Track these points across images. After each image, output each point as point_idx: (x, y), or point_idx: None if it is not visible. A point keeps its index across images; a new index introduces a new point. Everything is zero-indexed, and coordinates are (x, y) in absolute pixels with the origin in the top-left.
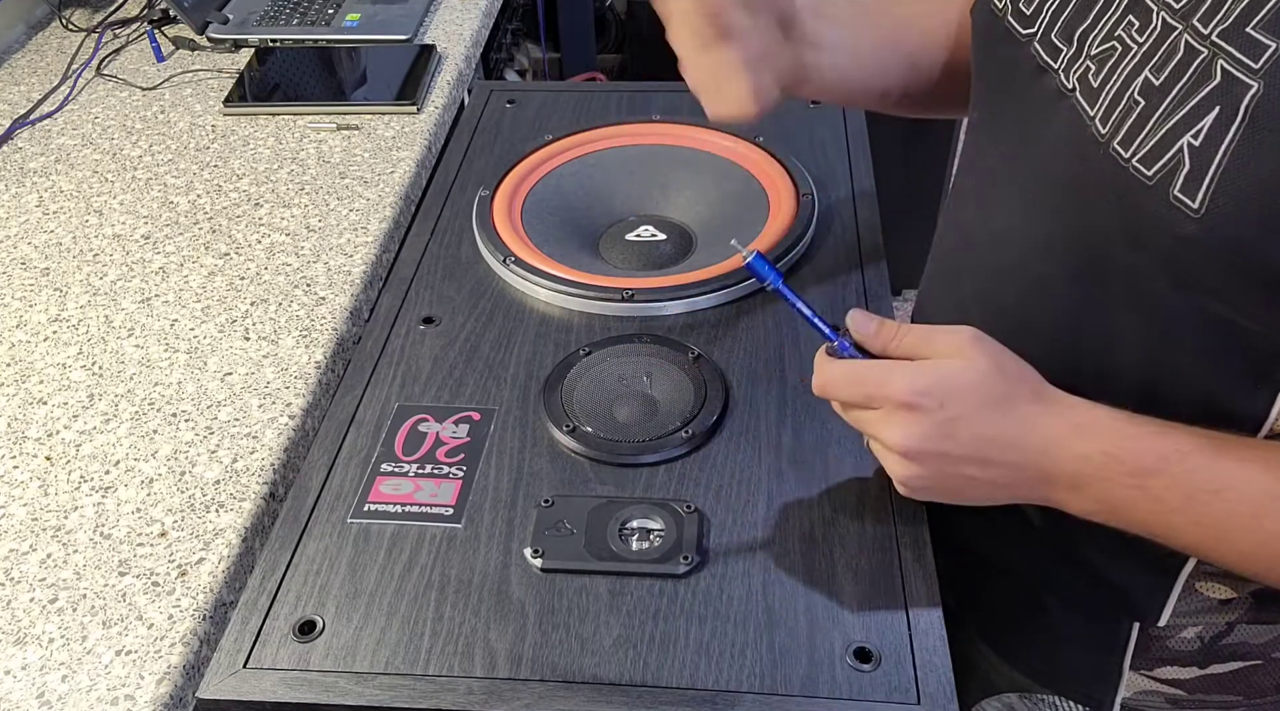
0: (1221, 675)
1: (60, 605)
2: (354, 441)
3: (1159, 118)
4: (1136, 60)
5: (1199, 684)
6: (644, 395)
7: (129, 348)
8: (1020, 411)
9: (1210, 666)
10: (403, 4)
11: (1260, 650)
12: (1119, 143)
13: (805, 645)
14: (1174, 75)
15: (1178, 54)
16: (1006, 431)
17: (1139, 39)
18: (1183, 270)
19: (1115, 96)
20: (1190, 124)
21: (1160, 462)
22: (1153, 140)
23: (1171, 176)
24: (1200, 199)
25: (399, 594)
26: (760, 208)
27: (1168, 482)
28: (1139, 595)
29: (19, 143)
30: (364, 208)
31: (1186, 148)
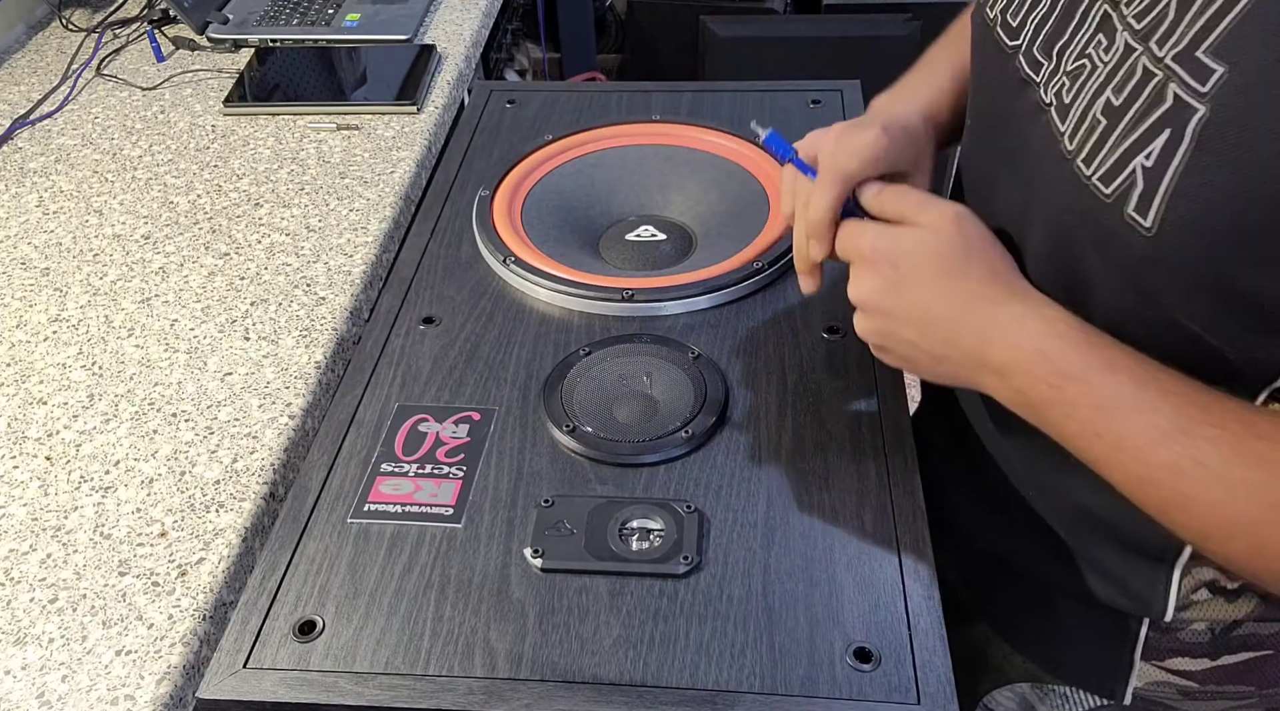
0: (1232, 666)
1: (60, 605)
2: (354, 441)
3: (1116, 137)
4: (1101, 79)
5: (1210, 675)
6: (644, 395)
7: (129, 348)
8: (968, 289)
9: (1221, 657)
10: (403, 4)
11: (1271, 640)
12: (1082, 160)
13: (805, 645)
14: (1131, 96)
15: (1135, 75)
16: (948, 304)
17: (1105, 58)
18: (1145, 287)
19: (1081, 114)
20: (1144, 145)
21: (1085, 370)
22: (1111, 159)
23: (1126, 196)
24: (1152, 218)
25: (399, 594)
26: (760, 208)
27: (1084, 390)
28: (1139, 587)
29: (19, 143)
30: (364, 208)
31: (1140, 168)
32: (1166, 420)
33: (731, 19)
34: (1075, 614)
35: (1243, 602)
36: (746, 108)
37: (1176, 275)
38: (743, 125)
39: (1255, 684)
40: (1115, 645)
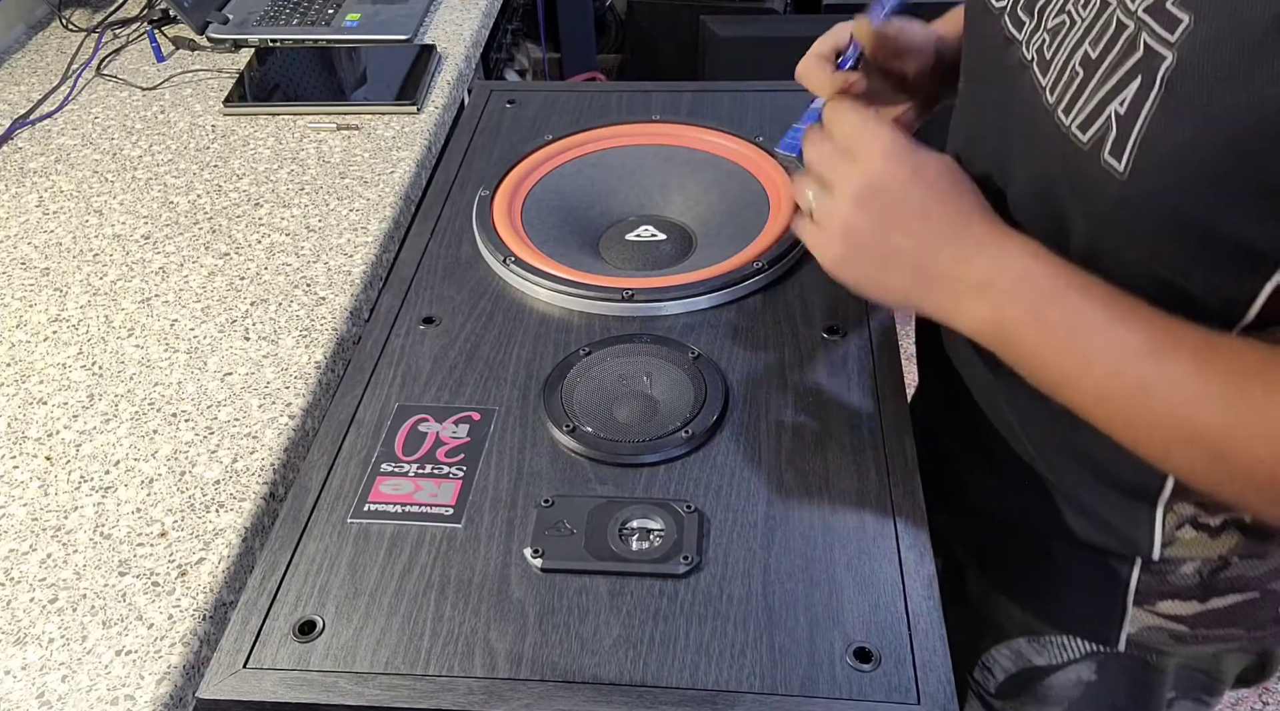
0: (1221, 609)
1: (60, 605)
2: (354, 441)
3: (1093, 87)
4: (1080, 34)
5: (1200, 618)
6: (644, 395)
7: (129, 348)
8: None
9: (1210, 600)
10: (403, 4)
11: (1257, 582)
12: (1062, 110)
13: (805, 645)
14: (1107, 48)
15: (1110, 28)
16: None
17: (1083, 14)
18: (1120, 230)
19: (1061, 68)
20: (1117, 93)
21: (1062, 290)
22: (1088, 108)
23: (1102, 141)
24: (1125, 162)
25: (399, 594)
26: (760, 208)
27: (1058, 310)
28: (1125, 526)
29: (19, 143)
30: (364, 208)
31: (1114, 115)
32: (1134, 339)
33: (731, 19)
34: (1069, 562)
35: (1225, 538)
36: (746, 108)
37: (1149, 217)
38: (743, 125)
39: (1243, 626)
40: (1108, 591)
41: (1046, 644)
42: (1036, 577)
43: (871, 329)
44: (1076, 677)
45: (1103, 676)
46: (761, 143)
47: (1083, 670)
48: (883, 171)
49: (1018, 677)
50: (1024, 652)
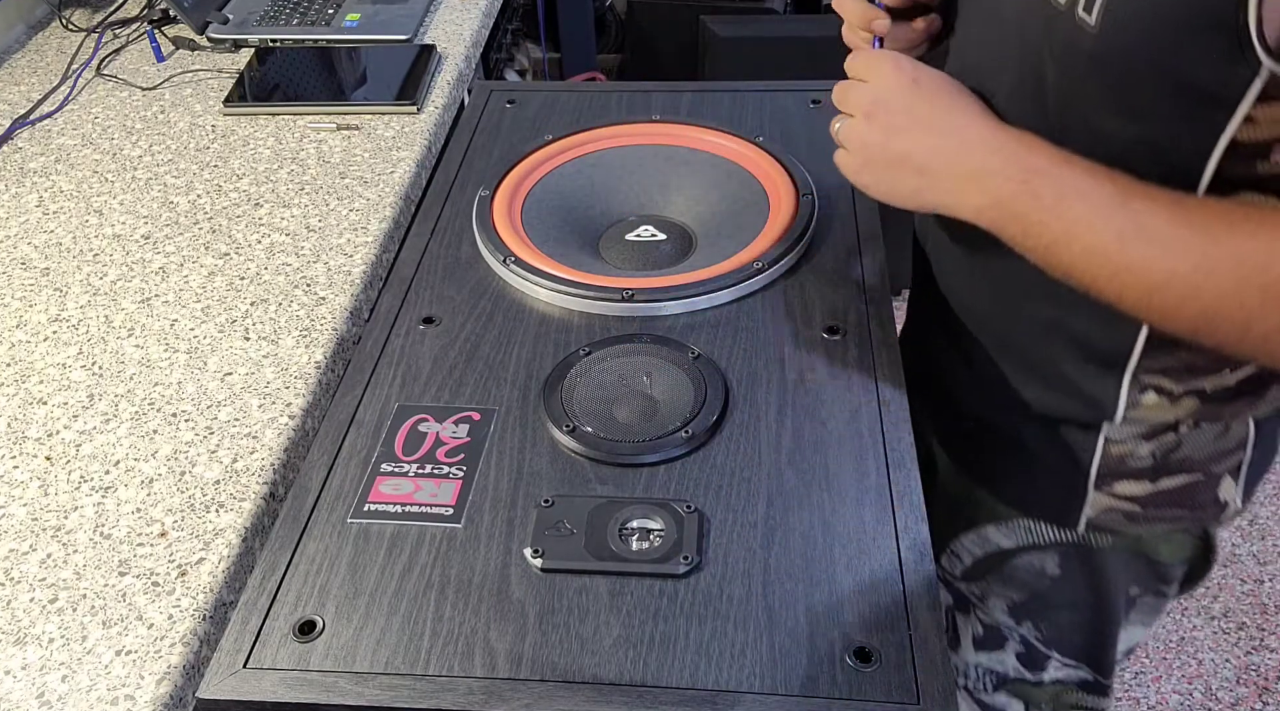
0: (1170, 490)
1: (60, 605)
2: (354, 441)
3: None
4: None
5: (1151, 499)
6: (644, 395)
7: (129, 348)
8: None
9: (1160, 481)
10: (403, 4)
11: (1202, 464)
12: None
13: (805, 645)
14: None
15: None
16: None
17: None
18: (1094, 86)
19: None
20: None
21: (1048, 164)
22: None
23: (1076, 1)
24: (1095, 17)
25: (399, 594)
26: (760, 207)
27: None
28: (1094, 391)
29: (19, 143)
30: (364, 208)
31: None
32: (1112, 196)
33: (731, 19)
34: (1039, 446)
35: (1184, 404)
36: (746, 108)
37: (1117, 68)
38: (743, 125)
39: (1187, 507)
40: (1072, 473)
41: (1014, 527)
42: (1008, 465)
43: (871, 329)
44: (1040, 566)
45: (1066, 571)
46: (761, 143)
47: (1047, 561)
48: (886, 88)
49: (984, 561)
50: (991, 538)
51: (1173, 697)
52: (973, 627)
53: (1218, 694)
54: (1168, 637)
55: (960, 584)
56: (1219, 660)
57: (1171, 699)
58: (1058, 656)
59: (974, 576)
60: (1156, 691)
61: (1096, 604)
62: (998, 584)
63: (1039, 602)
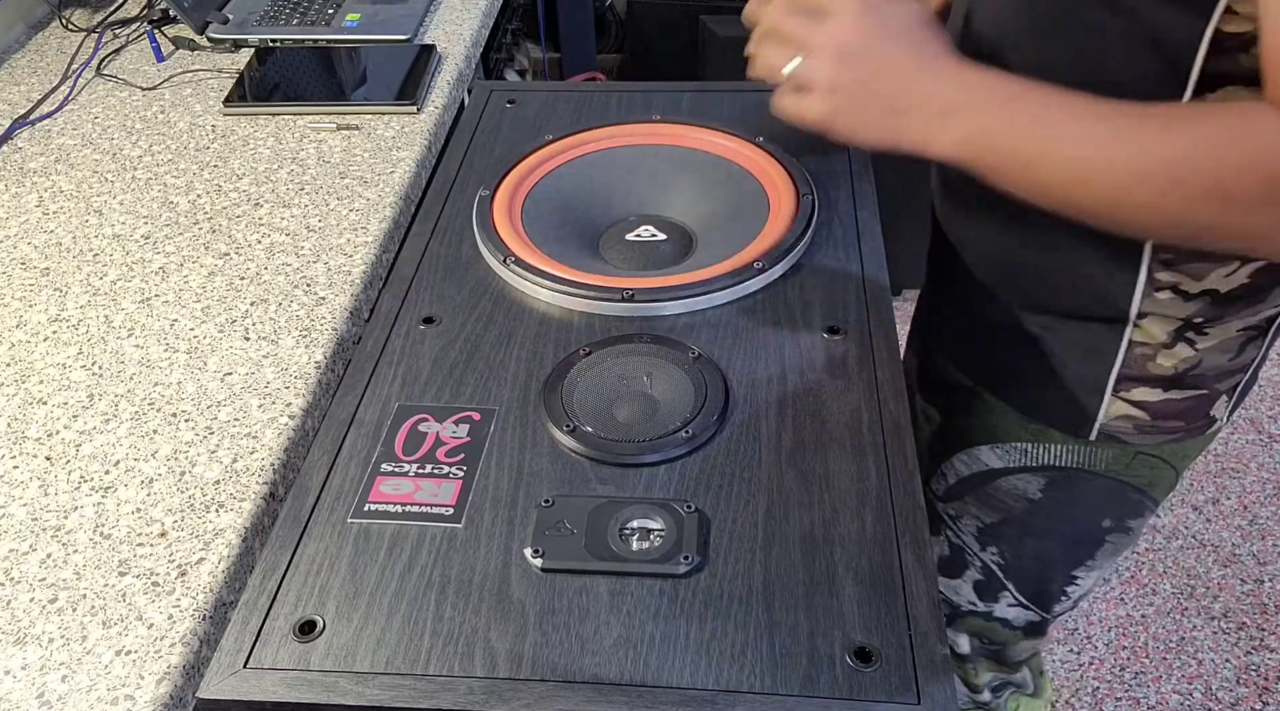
0: (1177, 401)
1: (60, 605)
2: (354, 441)
3: None
4: None
5: (1160, 408)
6: (644, 395)
7: (129, 348)
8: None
9: (1171, 391)
10: (403, 4)
11: (1210, 381)
12: None
13: (805, 645)
14: None
15: None
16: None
17: None
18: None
19: None
20: None
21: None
22: None
23: None
24: None
25: (399, 594)
26: (760, 208)
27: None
28: (1113, 287)
29: (19, 143)
30: (364, 208)
31: None
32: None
33: (731, 19)
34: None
35: (1195, 302)
36: (746, 108)
37: None
38: (743, 125)
39: (1185, 419)
40: (1093, 376)
41: (1009, 449)
42: (1028, 368)
43: (871, 329)
44: (1023, 489)
45: (1047, 495)
46: (761, 143)
47: (1031, 484)
48: (855, 28)
49: (969, 480)
50: (982, 457)
51: (1173, 698)
52: (939, 549)
53: (1218, 694)
54: (1168, 637)
55: (938, 503)
56: (1219, 660)
57: (1171, 699)
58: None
59: (954, 496)
60: (1156, 691)
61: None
62: (975, 504)
63: (1010, 527)
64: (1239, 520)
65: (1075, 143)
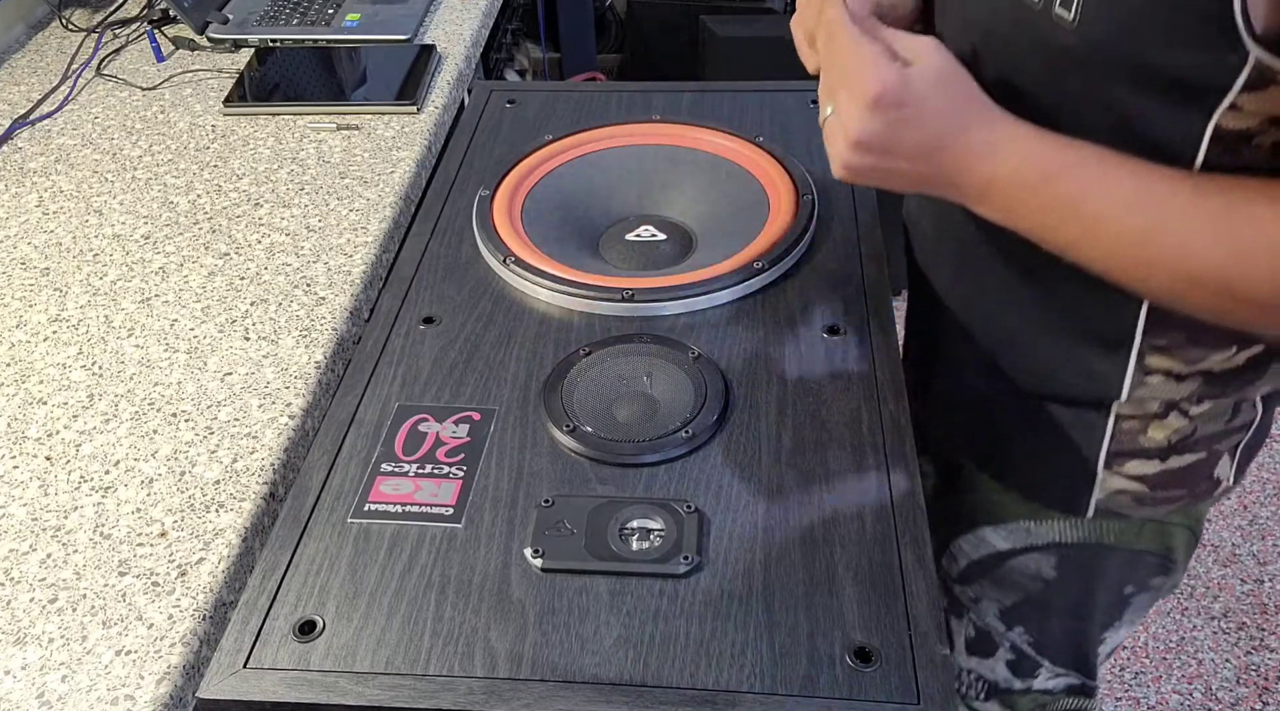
0: (1176, 469)
1: (60, 605)
2: (354, 441)
3: None
4: None
5: (1159, 479)
6: (644, 395)
7: (129, 348)
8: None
9: (1169, 459)
10: (403, 4)
11: (1207, 443)
12: None
13: (805, 645)
14: None
15: None
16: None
17: None
18: (1077, 80)
19: None
20: None
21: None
22: None
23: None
24: (1073, 13)
25: (399, 594)
26: (760, 208)
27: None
28: (1100, 370)
29: (19, 143)
30: (364, 208)
31: None
32: (1130, 192)
33: (731, 19)
34: (1050, 430)
35: (1190, 382)
36: (746, 108)
37: (1099, 61)
38: (743, 125)
39: (1187, 486)
40: (1082, 454)
41: (1013, 529)
42: (1016, 449)
43: (871, 329)
44: (1036, 569)
45: (1061, 573)
46: (761, 142)
47: (1044, 563)
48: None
49: (980, 563)
50: (988, 539)
51: (1173, 697)
52: (965, 631)
53: (1218, 694)
54: (1168, 637)
55: (956, 587)
56: (1219, 660)
57: (1171, 699)
58: (1048, 665)
59: (969, 579)
60: (1156, 691)
61: (1090, 606)
62: (991, 587)
63: (1031, 607)
64: (1239, 520)
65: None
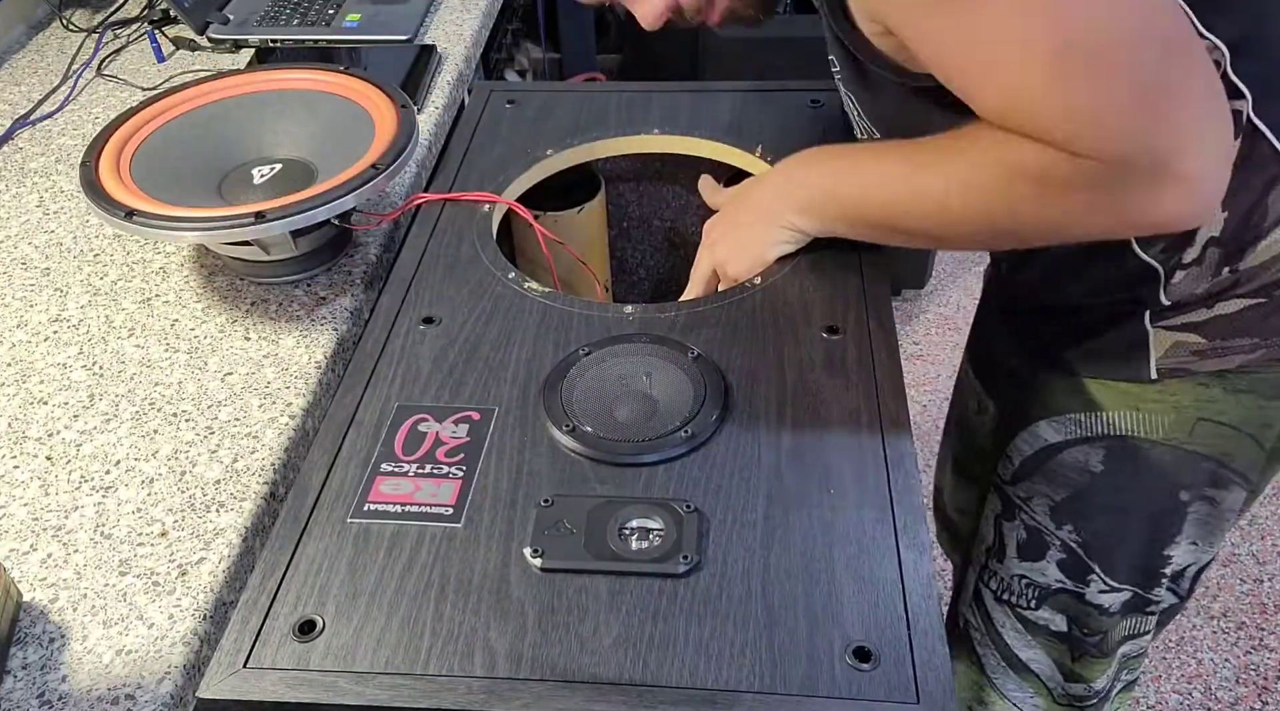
0: (1230, 315)
1: (60, 605)
2: (354, 441)
3: None
4: None
5: (1213, 326)
6: (644, 395)
7: (129, 347)
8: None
9: (1216, 305)
10: (403, 4)
11: (1265, 290)
12: None
13: (805, 645)
14: None
15: None
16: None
17: None
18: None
19: None
20: None
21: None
22: None
23: None
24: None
25: (399, 593)
26: (367, 127)
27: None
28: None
29: (19, 143)
30: (364, 207)
31: None
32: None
33: None
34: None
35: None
36: (747, 108)
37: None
38: (743, 125)
39: (1257, 334)
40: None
41: (1064, 421)
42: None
43: (871, 329)
44: (1084, 461)
45: (1109, 467)
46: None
47: (1091, 456)
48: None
49: (1032, 459)
50: (1041, 433)
51: (1172, 697)
52: (1017, 534)
53: (1217, 694)
54: (1167, 637)
55: (1008, 488)
56: (1219, 660)
57: (1171, 699)
58: (1099, 572)
59: (1021, 477)
60: (1156, 691)
61: (1139, 507)
62: (1042, 482)
63: (1080, 502)
64: (1239, 520)
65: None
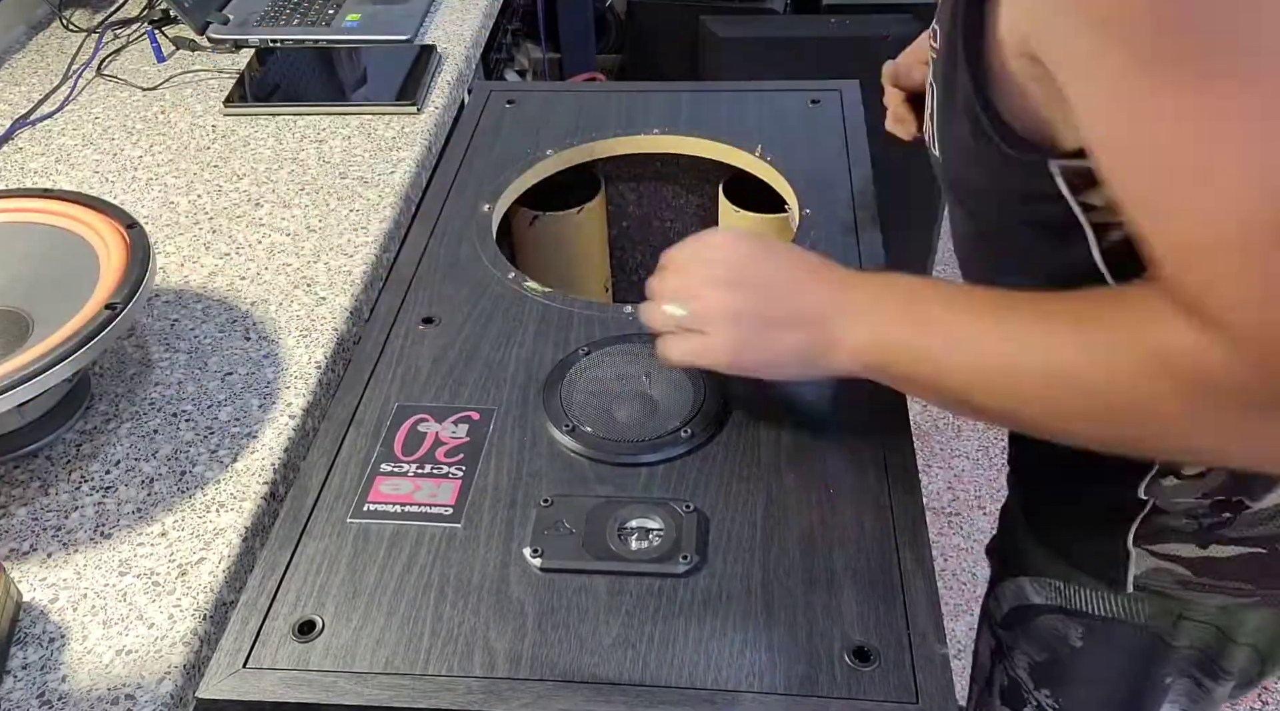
0: (1224, 560)
1: (60, 605)
2: (354, 441)
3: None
4: None
5: (1203, 566)
6: (643, 395)
7: (129, 347)
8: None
9: (1210, 548)
10: (403, 4)
11: (1262, 542)
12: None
13: (805, 645)
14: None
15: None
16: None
17: None
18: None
19: None
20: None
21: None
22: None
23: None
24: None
25: (399, 594)
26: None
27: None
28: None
29: (19, 143)
30: (364, 208)
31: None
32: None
33: (731, 19)
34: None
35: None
36: (746, 108)
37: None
38: (743, 126)
39: (1252, 581)
40: (1114, 525)
41: (1045, 585)
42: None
43: None
44: (1063, 632)
45: (1088, 645)
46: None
47: (1070, 629)
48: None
49: (1016, 612)
50: (1024, 589)
51: None
52: (999, 679)
53: None
54: None
55: (999, 630)
56: None
57: None
58: None
59: (1008, 625)
60: None
61: (1121, 686)
62: (1024, 639)
63: (1058, 668)
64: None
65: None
